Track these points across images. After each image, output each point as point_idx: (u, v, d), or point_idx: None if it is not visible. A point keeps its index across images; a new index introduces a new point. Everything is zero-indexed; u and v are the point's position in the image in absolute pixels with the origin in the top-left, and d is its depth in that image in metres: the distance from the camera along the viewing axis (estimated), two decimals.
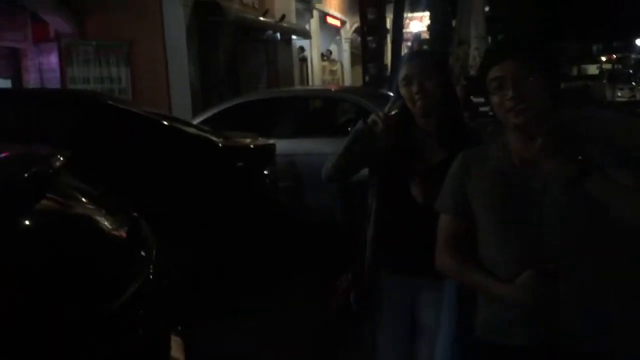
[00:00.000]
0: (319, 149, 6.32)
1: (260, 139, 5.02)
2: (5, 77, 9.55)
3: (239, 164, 4.57)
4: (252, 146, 4.76)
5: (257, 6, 12.69)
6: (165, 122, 4.66)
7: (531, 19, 41.84)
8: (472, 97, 17.44)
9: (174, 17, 9.54)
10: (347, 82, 20.93)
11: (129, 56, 9.57)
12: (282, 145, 6.34)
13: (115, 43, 9.49)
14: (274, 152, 4.97)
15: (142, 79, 9.68)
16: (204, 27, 9.95)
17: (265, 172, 4.79)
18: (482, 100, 16.39)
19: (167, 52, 9.62)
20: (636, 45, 46.38)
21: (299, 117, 6.94)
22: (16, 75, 9.65)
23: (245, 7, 11.78)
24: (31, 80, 9.58)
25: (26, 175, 1.98)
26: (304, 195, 6.33)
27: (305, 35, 15.05)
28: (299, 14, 16.71)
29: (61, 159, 2.21)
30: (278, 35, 13.55)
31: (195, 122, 6.25)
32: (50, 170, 2.15)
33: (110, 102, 4.87)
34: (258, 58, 13.07)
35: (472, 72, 12.82)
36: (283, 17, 12.98)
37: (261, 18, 12.26)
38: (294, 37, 14.86)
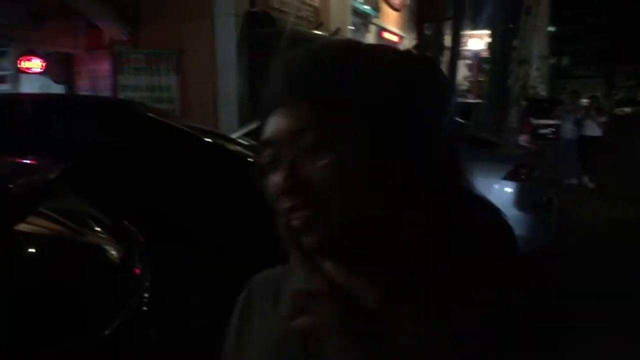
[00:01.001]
0: None
1: None
2: (59, 82, 9.69)
3: None
4: None
5: (312, 19, 12.56)
6: (201, 137, 4.48)
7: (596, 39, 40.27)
8: (531, 118, 16.78)
9: (224, 27, 9.46)
10: None
11: (178, 65, 9.55)
12: None
13: (166, 51, 9.48)
14: None
15: (191, 88, 9.64)
16: (255, 38, 9.84)
17: None
18: (542, 122, 15.82)
19: (216, 62, 9.55)
20: None
21: None
22: (69, 81, 9.77)
23: (299, 19, 11.65)
24: (84, 86, 9.69)
25: (11, 187, 1.78)
26: None
27: None
28: (355, 28, 16.51)
29: (55, 172, 2.00)
30: None
31: (236, 134, 6.06)
32: (42, 184, 1.94)
33: (149, 113, 4.72)
34: None
35: (532, 92, 12.33)
36: (337, 30, 12.79)
37: (314, 31, 12.10)
38: None
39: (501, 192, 5.56)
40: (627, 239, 7.19)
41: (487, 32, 14.76)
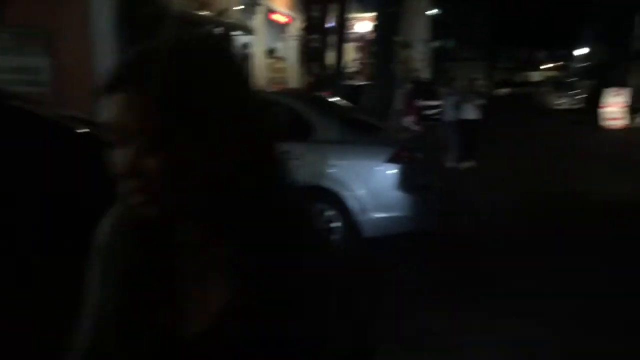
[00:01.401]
0: None
1: None
2: None
3: None
4: None
5: None
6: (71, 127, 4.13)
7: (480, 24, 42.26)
8: (416, 100, 17.24)
9: (99, 5, 8.90)
10: (295, 80, 20.47)
11: (50, 46, 8.87)
12: None
13: (34, 30, 8.78)
14: None
15: (66, 72, 8.99)
16: (135, 20, 9.33)
17: None
18: (427, 103, 16.25)
19: (92, 44, 8.97)
20: (577, 55, 47.65)
21: None
22: None
23: None
24: None
25: None
26: None
27: (248, 31, 14.55)
28: (242, 9, 16.18)
29: None
30: (219, 30, 13.02)
31: None
32: None
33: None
34: None
35: (416, 75, 12.64)
36: (224, 11, 12.45)
37: (199, 12, 11.71)
38: (236, 33, 14.33)
39: (384, 174, 5.64)
40: (504, 220, 7.57)
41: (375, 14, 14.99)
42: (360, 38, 19.34)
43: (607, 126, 19.98)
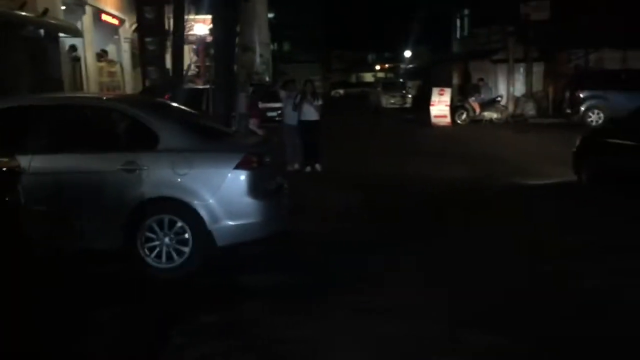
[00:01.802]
0: (86, 167, 5.50)
1: None
2: None
3: None
4: None
5: None
6: None
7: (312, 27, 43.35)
8: (259, 102, 17.25)
9: None
10: (129, 84, 19.54)
11: None
12: (40, 162, 5.40)
13: None
14: (16, 176, 4.03)
15: None
16: None
17: (4, 200, 3.86)
18: (269, 105, 16.32)
19: None
20: (405, 57, 50.90)
21: (62, 129, 5.93)
22: None
23: None
24: None
25: None
26: (66, 219, 5.42)
27: (75, 33, 13.59)
28: (69, 9, 15.09)
29: None
30: (42, 32, 12.00)
31: None
32: None
33: None
34: (18, 58, 11.41)
35: (257, 78, 12.60)
36: (46, 11, 11.50)
37: (18, 12, 10.69)
38: (62, 34, 13.31)
39: (234, 181, 5.50)
40: (351, 219, 7.79)
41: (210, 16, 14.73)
42: (199, 41, 18.94)
43: (435, 124, 21.52)
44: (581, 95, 19.92)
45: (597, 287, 4.98)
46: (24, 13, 11.07)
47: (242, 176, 5.50)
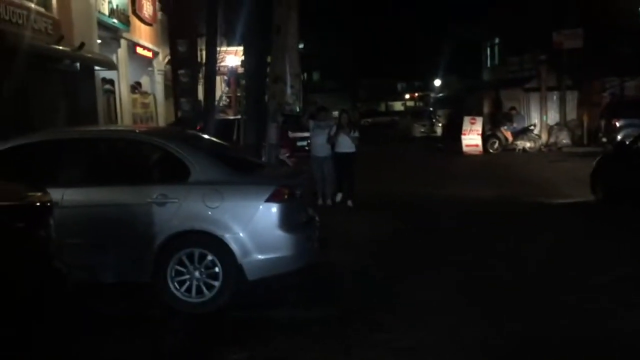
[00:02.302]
0: (118, 199, 5.50)
1: (31, 193, 4.06)
2: None
3: None
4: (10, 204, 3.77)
5: (51, 32, 11.36)
6: None
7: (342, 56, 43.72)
8: (289, 132, 17.30)
9: None
10: (161, 115, 19.84)
11: None
12: (73, 195, 5.43)
13: None
14: (49, 210, 4.03)
15: None
16: None
17: (37, 234, 3.85)
18: (299, 135, 16.36)
19: None
20: (434, 85, 50.85)
21: (94, 162, 5.99)
22: None
23: (35, 32, 10.42)
24: None
25: None
26: (97, 253, 5.41)
27: (110, 65, 13.88)
28: (105, 43, 15.47)
29: None
30: (77, 65, 12.27)
31: None
32: None
33: None
34: (54, 91, 11.67)
35: (288, 108, 12.57)
36: (82, 45, 11.76)
37: (54, 46, 10.96)
38: (97, 67, 13.60)
39: (265, 214, 5.44)
40: (386, 250, 7.65)
41: (242, 48, 14.90)
42: (230, 72, 19.19)
43: (467, 152, 21.28)
44: (617, 124, 19.50)
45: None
46: (61, 47, 11.34)
47: (274, 209, 5.43)
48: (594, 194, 10.38)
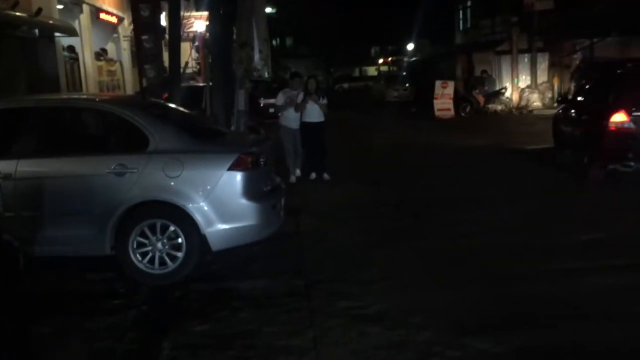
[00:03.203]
0: (74, 170, 5.32)
1: None
2: None
3: None
4: None
5: None
6: None
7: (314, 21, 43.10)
8: (260, 99, 17.05)
9: None
10: (129, 82, 19.38)
11: None
12: (27, 166, 5.24)
13: None
14: None
15: None
16: None
17: None
18: (271, 101, 16.08)
19: None
20: (408, 50, 50.55)
21: (50, 132, 5.77)
22: None
23: None
24: None
25: None
26: (54, 226, 5.25)
27: (71, 32, 13.39)
28: (66, 9, 14.92)
29: None
30: (36, 31, 11.82)
31: None
32: None
33: None
34: (12, 58, 11.24)
35: (256, 74, 12.31)
36: (39, 11, 11.30)
37: (10, 12, 10.50)
38: (57, 34, 13.12)
39: (228, 182, 5.31)
40: (354, 219, 7.60)
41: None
42: (198, 37, 18.72)
43: (439, 117, 21.25)
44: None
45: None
46: (17, 13, 10.88)
47: (237, 177, 5.31)
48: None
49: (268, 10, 21.60)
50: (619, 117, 8.48)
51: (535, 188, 8.86)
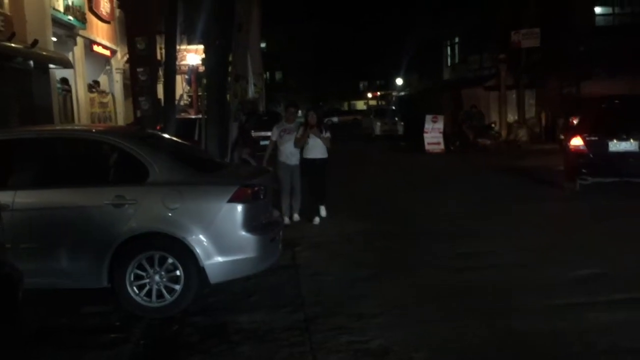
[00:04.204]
0: (73, 201, 5.27)
1: None
2: None
3: None
4: None
5: (2, 29, 10.93)
6: None
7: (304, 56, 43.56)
8: (252, 131, 17.08)
9: None
10: (121, 114, 19.41)
11: None
12: (25, 198, 5.19)
13: None
14: None
15: None
16: None
17: None
18: (262, 134, 16.16)
19: None
20: (396, 84, 51.17)
21: (48, 163, 5.74)
22: None
23: None
24: None
25: None
26: (51, 258, 5.18)
27: (65, 64, 13.45)
28: (60, 41, 15.02)
29: None
30: (31, 63, 11.86)
31: None
32: None
33: None
34: (7, 89, 11.25)
35: (250, 107, 12.39)
36: (35, 42, 11.36)
37: (6, 43, 10.55)
38: (52, 66, 13.17)
39: (227, 215, 5.29)
40: (352, 252, 7.58)
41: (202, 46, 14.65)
42: (191, 70, 18.88)
43: (429, 150, 21.40)
44: (575, 122, 19.86)
45: None
46: (12, 44, 10.92)
47: (236, 209, 5.29)
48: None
49: (262, 45, 21.91)
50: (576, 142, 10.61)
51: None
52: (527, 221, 8.81)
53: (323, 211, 9.25)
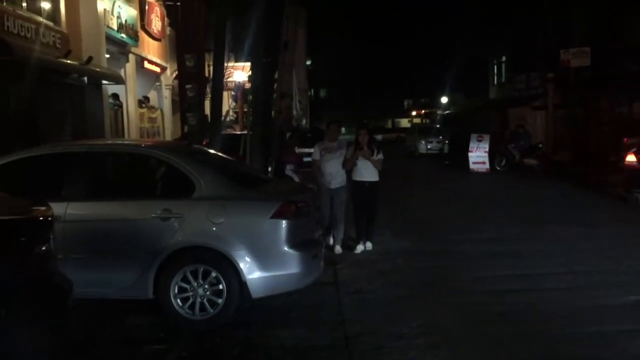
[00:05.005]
0: (121, 214, 5.42)
1: (34, 207, 3.97)
2: None
3: None
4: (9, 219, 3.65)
5: (60, 46, 11.38)
6: None
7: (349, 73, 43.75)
8: (296, 148, 17.21)
9: None
10: (169, 129, 19.89)
11: None
12: (77, 209, 5.36)
13: None
14: (49, 225, 3.94)
15: None
16: None
17: (37, 251, 3.76)
18: (306, 150, 16.28)
19: None
20: (441, 102, 50.86)
21: (99, 176, 5.94)
22: None
23: (44, 46, 10.45)
24: None
25: None
26: (99, 268, 5.33)
27: (118, 80, 13.89)
28: (113, 57, 15.52)
29: None
30: (85, 79, 12.28)
31: None
32: None
33: None
34: (61, 105, 11.67)
35: (295, 124, 12.52)
36: (90, 59, 11.78)
37: (63, 60, 10.97)
38: (105, 82, 13.62)
39: (271, 230, 5.35)
40: (395, 270, 7.52)
41: (249, 64, 14.91)
42: (237, 87, 19.20)
43: (474, 170, 21.13)
44: (626, 141, 19.33)
45: None
46: (69, 61, 11.35)
47: (279, 225, 5.34)
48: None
49: (307, 62, 22.11)
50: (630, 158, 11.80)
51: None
52: (570, 243, 8.60)
53: (369, 245, 8.32)
